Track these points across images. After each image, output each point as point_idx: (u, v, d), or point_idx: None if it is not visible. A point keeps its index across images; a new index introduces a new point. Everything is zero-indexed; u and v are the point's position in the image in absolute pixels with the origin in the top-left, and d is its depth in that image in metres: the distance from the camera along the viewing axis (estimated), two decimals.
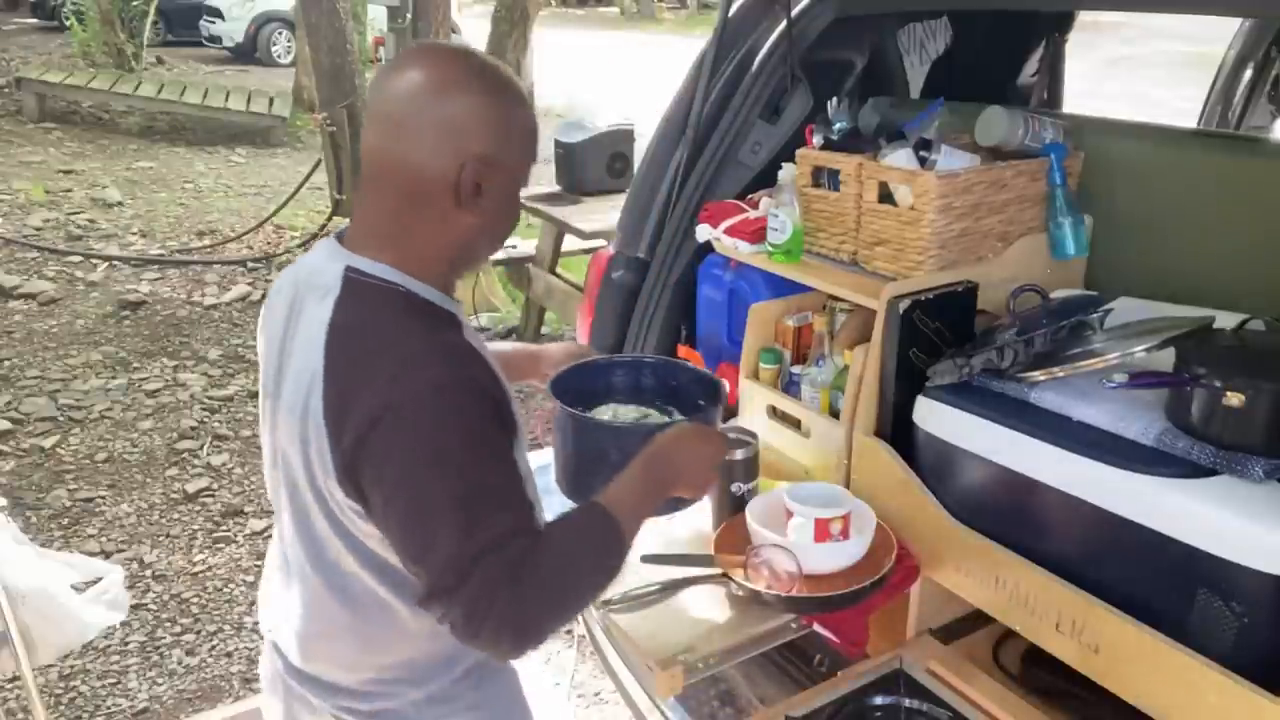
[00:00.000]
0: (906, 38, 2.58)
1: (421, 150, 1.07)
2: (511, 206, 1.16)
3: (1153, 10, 1.88)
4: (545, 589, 1.02)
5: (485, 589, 0.99)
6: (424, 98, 1.07)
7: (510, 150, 1.11)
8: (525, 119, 1.13)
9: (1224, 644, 1.22)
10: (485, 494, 1.02)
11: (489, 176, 1.09)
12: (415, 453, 1.01)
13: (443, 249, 1.12)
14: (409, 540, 1.04)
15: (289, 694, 1.29)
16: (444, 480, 1.01)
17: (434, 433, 1.01)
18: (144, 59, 11.62)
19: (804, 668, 1.81)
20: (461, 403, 1.03)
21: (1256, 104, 3.49)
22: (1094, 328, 1.56)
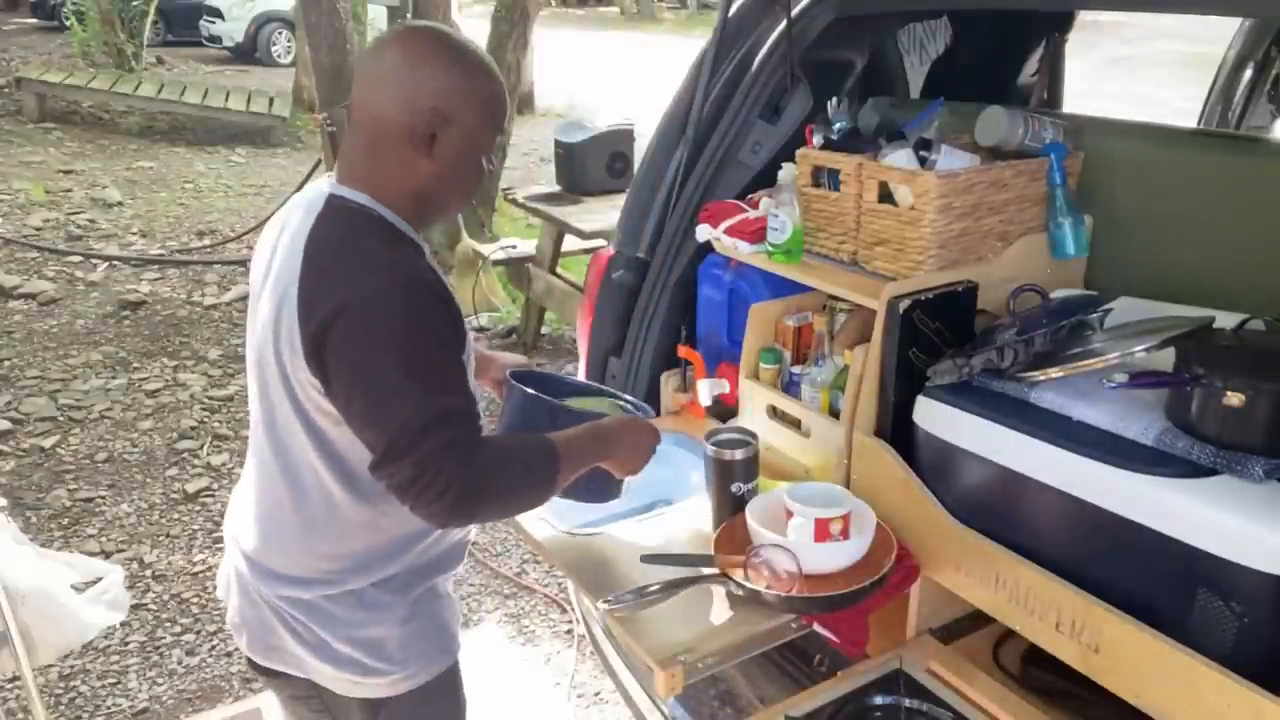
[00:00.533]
0: (906, 38, 2.58)
1: (387, 101, 1.26)
2: (467, 163, 1.31)
3: (1153, 10, 1.88)
4: (487, 471, 1.20)
5: (435, 452, 1.15)
6: (396, 59, 1.27)
7: (466, 111, 1.27)
8: (486, 89, 1.30)
9: (1224, 644, 1.22)
10: (441, 376, 1.20)
11: (443, 129, 1.26)
12: (377, 337, 1.17)
13: (405, 188, 1.29)
14: (369, 409, 1.19)
15: (241, 588, 1.41)
16: (404, 360, 1.17)
17: (395, 320, 1.18)
18: (144, 59, 11.63)
19: (804, 668, 1.81)
20: (420, 300, 1.20)
21: (1256, 104, 3.49)
22: (1094, 328, 1.56)
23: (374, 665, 1.36)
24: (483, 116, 1.30)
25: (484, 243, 5.35)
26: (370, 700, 1.39)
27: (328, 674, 1.37)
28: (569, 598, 2.94)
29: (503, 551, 3.30)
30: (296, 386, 1.24)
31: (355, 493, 1.30)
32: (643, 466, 1.49)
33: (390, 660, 1.37)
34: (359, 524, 1.32)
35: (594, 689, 2.66)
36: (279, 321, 1.23)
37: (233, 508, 1.48)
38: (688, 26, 21.25)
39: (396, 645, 1.37)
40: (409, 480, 1.16)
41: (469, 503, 1.18)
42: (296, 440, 1.29)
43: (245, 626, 1.42)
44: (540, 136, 9.51)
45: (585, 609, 2.14)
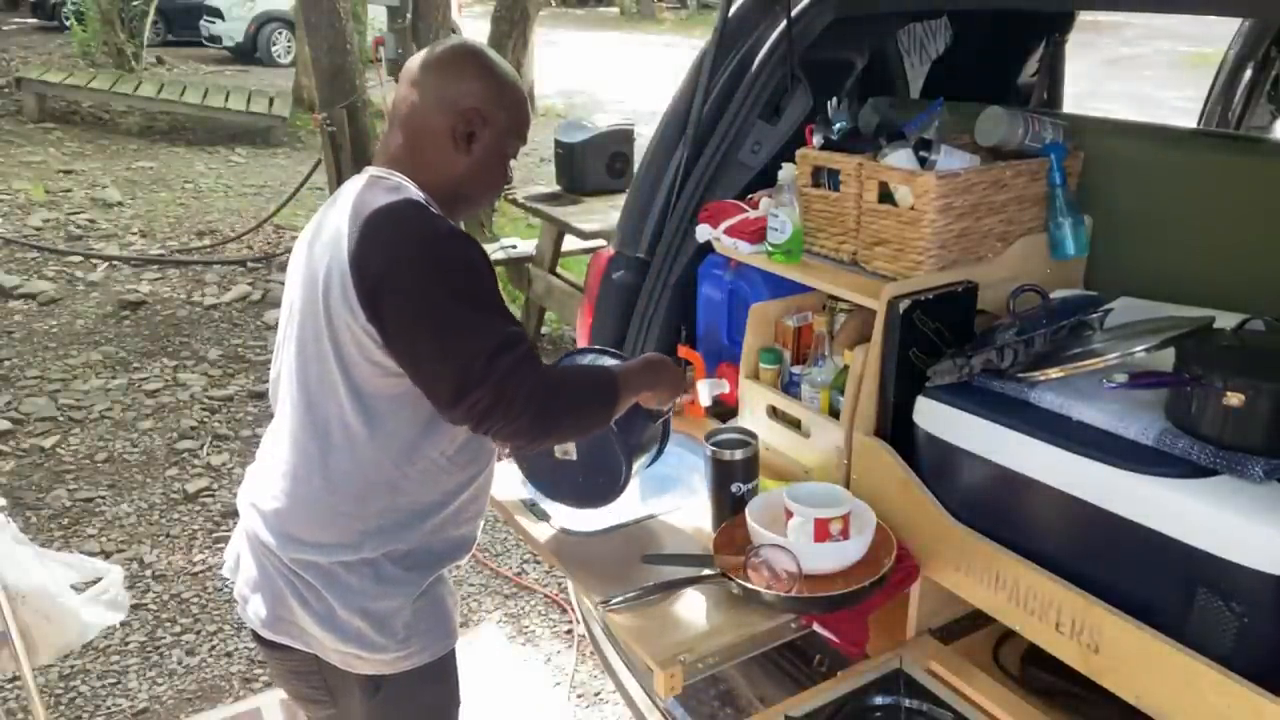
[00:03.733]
0: (906, 38, 2.58)
1: (432, 102, 1.40)
2: (496, 163, 1.45)
3: (1153, 10, 1.88)
4: (560, 386, 1.34)
5: (511, 372, 1.24)
6: (441, 67, 1.43)
7: (500, 113, 1.42)
8: (516, 96, 1.45)
9: (1224, 644, 1.22)
10: (499, 307, 1.30)
11: (480, 128, 1.41)
12: (435, 280, 1.27)
13: (443, 179, 1.41)
14: (437, 346, 1.26)
15: (255, 556, 1.46)
16: (463, 297, 1.27)
17: (447, 265, 1.29)
18: (144, 59, 11.62)
19: (804, 668, 1.81)
20: (465, 247, 1.32)
21: (1256, 104, 3.49)
22: (1094, 328, 1.56)
23: (378, 640, 1.39)
24: (512, 122, 1.44)
25: (484, 243, 5.35)
26: (370, 677, 1.42)
27: (331, 646, 1.40)
28: (569, 598, 2.94)
29: (503, 552, 3.30)
30: (347, 340, 1.31)
31: (382, 449, 1.35)
32: (678, 395, 1.59)
33: (394, 636, 1.40)
34: (382, 483, 1.37)
35: (594, 689, 2.66)
36: (329, 278, 1.32)
37: (251, 477, 1.51)
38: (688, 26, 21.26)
39: (403, 622, 1.40)
40: (491, 404, 1.24)
41: (549, 416, 1.29)
42: (333, 397, 1.35)
43: (254, 596, 1.45)
44: (540, 136, 9.48)
45: (585, 609, 2.14)
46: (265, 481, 1.45)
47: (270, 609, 1.43)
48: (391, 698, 1.44)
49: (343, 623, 1.38)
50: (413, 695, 1.45)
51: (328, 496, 1.37)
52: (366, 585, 1.38)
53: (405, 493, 1.39)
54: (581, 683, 2.69)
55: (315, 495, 1.38)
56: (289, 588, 1.40)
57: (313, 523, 1.39)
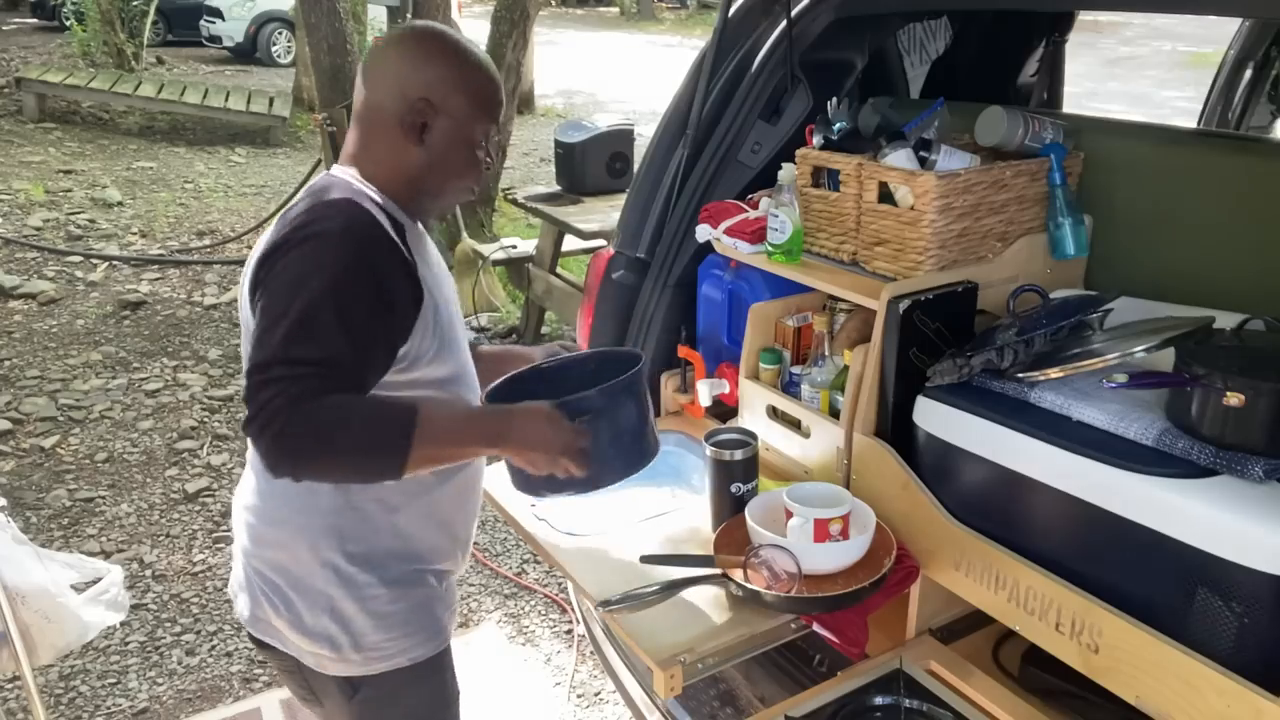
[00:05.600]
0: (906, 38, 2.58)
1: (381, 92, 1.34)
2: (457, 152, 1.36)
3: (1153, 10, 1.88)
4: (318, 427, 1.15)
5: (271, 397, 1.14)
6: (393, 53, 1.36)
7: (456, 98, 1.33)
8: (476, 81, 1.35)
9: (1224, 644, 1.22)
10: (315, 324, 1.17)
11: (433, 118, 1.33)
12: (289, 272, 1.21)
13: (398, 174, 1.35)
14: (254, 338, 1.20)
15: (239, 555, 1.46)
16: (292, 299, 1.18)
17: (311, 260, 1.20)
18: (144, 59, 11.63)
19: (804, 668, 1.81)
20: (342, 256, 1.21)
21: (1256, 104, 3.49)
22: (1094, 328, 1.56)
23: (345, 641, 1.37)
24: (473, 108, 1.35)
25: (484, 243, 5.36)
26: (348, 679, 1.40)
27: (304, 649, 1.39)
28: (569, 598, 2.94)
29: (503, 551, 3.30)
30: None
31: None
32: (546, 462, 1.31)
33: (362, 638, 1.38)
34: (326, 486, 1.34)
35: (594, 689, 2.66)
36: (248, 271, 1.30)
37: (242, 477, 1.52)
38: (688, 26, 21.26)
39: (373, 624, 1.38)
40: (246, 418, 1.15)
41: (291, 455, 1.15)
42: None
43: (239, 595, 1.46)
44: (540, 136, 9.51)
45: (585, 609, 2.14)
46: (244, 480, 1.45)
47: (251, 609, 1.43)
48: (372, 700, 1.42)
49: (310, 624, 1.37)
50: (395, 698, 1.43)
51: (280, 494, 1.36)
52: (330, 587, 1.36)
53: (355, 490, 1.35)
54: (581, 683, 2.69)
55: (271, 493, 1.37)
56: (262, 588, 1.39)
57: (273, 522, 1.38)
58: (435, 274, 1.39)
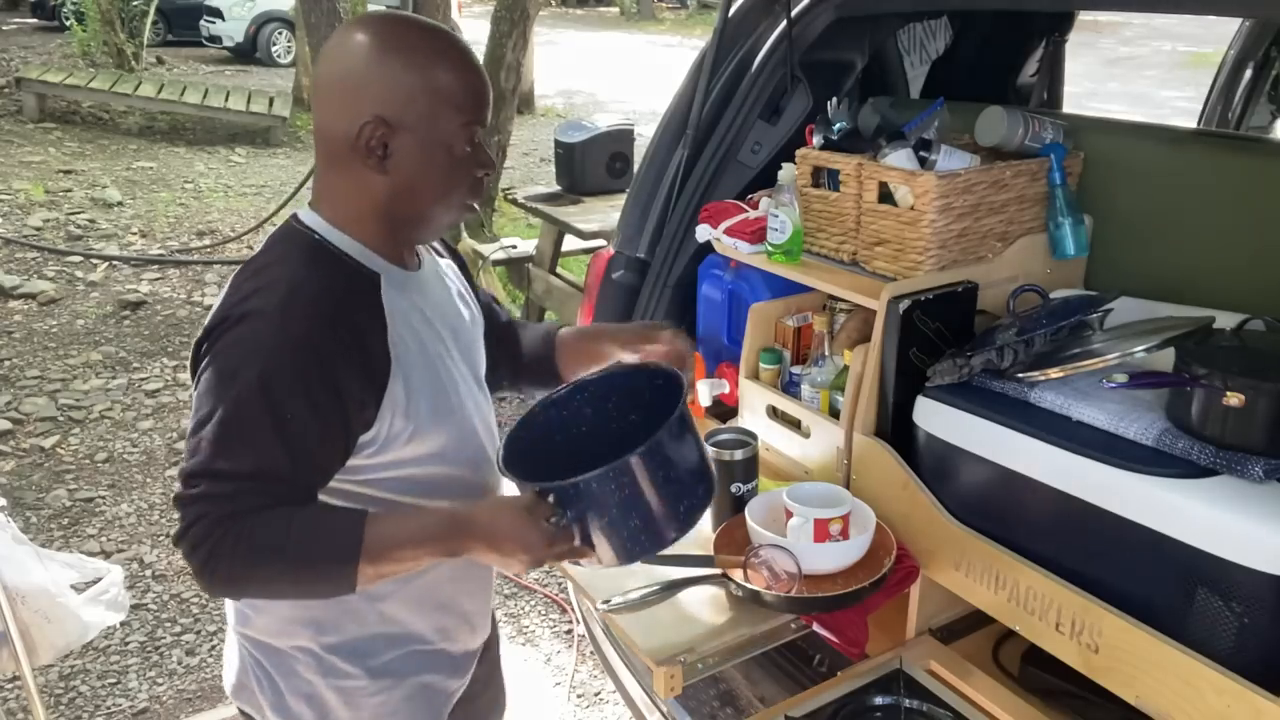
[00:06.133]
0: (906, 38, 2.58)
1: (327, 112, 1.12)
2: (433, 168, 1.13)
3: (1153, 10, 1.88)
4: (245, 553, 1.03)
5: (197, 516, 1.02)
6: (332, 61, 1.13)
7: (413, 111, 1.09)
8: (437, 79, 1.10)
9: (1224, 644, 1.22)
10: (247, 431, 1.03)
11: (391, 137, 1.10)
12: (218, 362, 1.06)
13: (364, 207, 1.14)
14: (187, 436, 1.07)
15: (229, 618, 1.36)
16: (221, 398, 1.04)
17: (237, 352, 1.05)
18: (144, 59, 11.62)
19: (804, 668, 1.81)
20: (278, 342, 1.05)
21: (1256, 104, 3.49)
22: (1094, 328, 1.56)
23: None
24: (440, 111, 1.10)
25: (484, 243, 5.35)
26: None
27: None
28: (569, 598, 2.94)
29: None
30: None
31: None
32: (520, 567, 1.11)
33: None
34: None
35: (594, 689, 2.66)
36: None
37: None
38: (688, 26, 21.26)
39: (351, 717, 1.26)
40: (175, 533, 1.04)
41: (224, 581, 1.05)
42: None
43: (227, 661, 1.38)
44: (540, 136, 9.51)
45: (585, 609, 2.14)
46: None
47: (236, 677, 1.33)
48: None
49: (290, 707, 1.26)
50: None
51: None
52: (310, 674, 1.24)
53: None
54: (581, 683, 2.69)
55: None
56: (246, 659, 1.29)
57: (252, 605, 1.26)
58: (422, 329, 1.19)
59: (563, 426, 1.33)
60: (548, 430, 1.31)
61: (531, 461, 1.22)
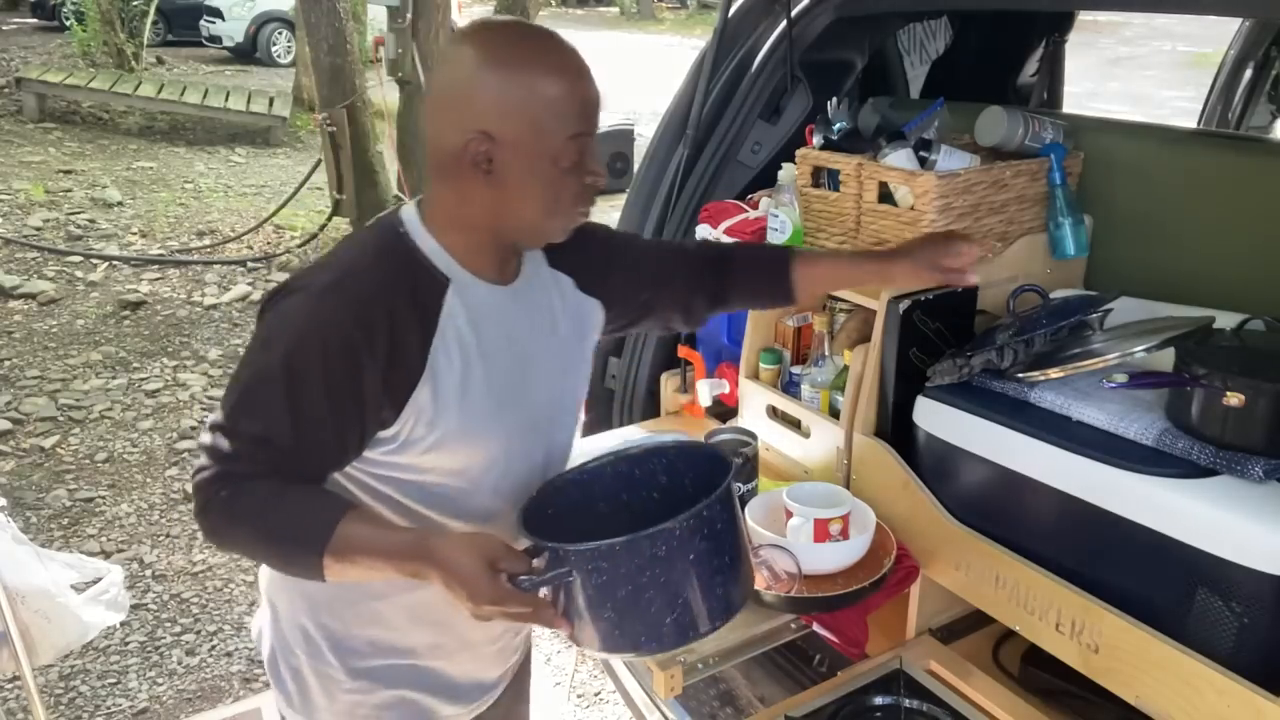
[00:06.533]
0: (906, 38, 2.58)
1: (436, 125, 1.11)
2: (535, 180, 1.09)
3: (1153, 10, 1.88)
4: (230, 515, 1.06)
5: (205, 464, 1.07)
6: (441, 73, 1.12)
7: (516, 125, 1.06)
8: (537, 92, 1.06)
9: (1224, 644, 1.22)
10: (262, 399, 1.07)
11: (495, 152, 1.07)
12: (260, 332, 1.11)
13: (466, 217, 1.13)
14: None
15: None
16: (251, 365, 1.09)
17: (279, 323, 1.09)
18: (144, 59, 11.62)
19: (804, 668, 1.82)
20: (314, 322, 1.06)
21: (1256, 104, 3.49)
22: (1094, 328, 1.56)
23: (299, 706, 1.29)
24: (544, 124, 1.07)
25: None
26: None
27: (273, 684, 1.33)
28: None
29: None
30: None
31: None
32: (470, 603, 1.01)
33: (316, 713, 1.29)
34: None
35: (594, 689, 2.66)
36: None
37: None
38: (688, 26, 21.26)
39: (327, 707, 1.27)
40: (191, 475, 1.10)
41: (210, 532, 1.08)
42: None
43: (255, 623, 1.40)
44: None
45: None
46: None
47: (256, 621, 1.38)
48: None
49: (279, 667, 1.30)
50: None
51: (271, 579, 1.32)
52: (298, 647, 1.27)
53: None
54: (581, 683, 2.69)
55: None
56: (263, 612, 1.34)
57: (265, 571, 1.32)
58: (485, 346, 1.15)
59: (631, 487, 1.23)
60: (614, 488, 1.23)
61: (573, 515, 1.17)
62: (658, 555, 1.00)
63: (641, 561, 1.00)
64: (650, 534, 0.99)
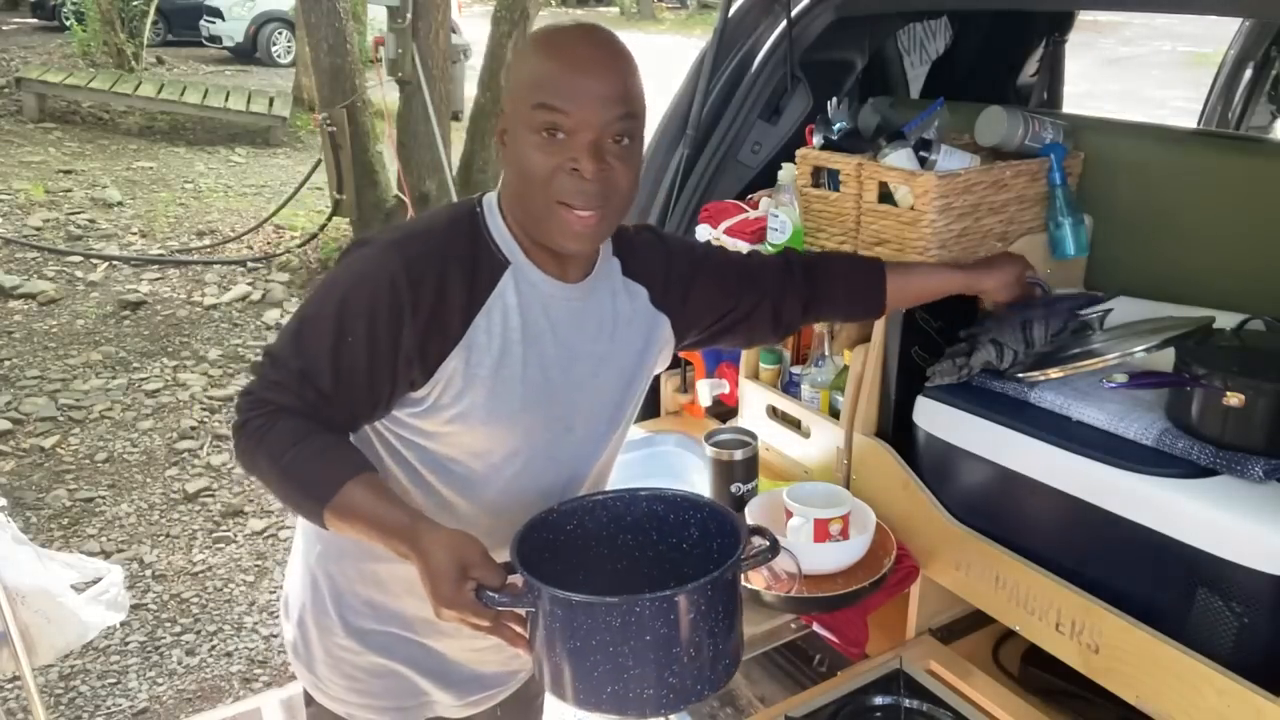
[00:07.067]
0: (906, 38, 2.58)
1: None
2: (514, 155, 1.11)
3: (1153, 10, 1.88)
4: (255, 444, 1.10)
5: (249, 392, 1.12)
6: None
7: (513, 97, 1.12)
8: (525, 67, 1.11)
9: (1224, 644, 1.22)
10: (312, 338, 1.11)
11: (504, 122, 1.14)
12: (328, 276, 1.15)
13: (505, 193, 1.18)
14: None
15: None
16: (312, 302, 1.13)
17: (342, 273, 1.13)
18: (144, 59, 11.61)
19: (804, 668, 1.82)
20: (368, 275, 1.10)
21: (1256, 104, 3.49)
22: (1094, 328, 1.56)
23: (302, 654, 1.32)
24: (520, 95, 1.10)
25: None
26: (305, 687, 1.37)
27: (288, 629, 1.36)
28: None
29: None
30: None
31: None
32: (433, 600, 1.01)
33: (315, 665, 1.32)
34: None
35: None
36: None
37: None
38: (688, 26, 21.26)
39: (325, 660, 1.30)
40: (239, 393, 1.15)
41: (239, 452, 1.13)
42: None
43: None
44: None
45: None
46: None
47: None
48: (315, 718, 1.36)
49: (290, 610, 1.34)
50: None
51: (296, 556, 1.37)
52: (304, 593, 1.30)
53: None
54: None
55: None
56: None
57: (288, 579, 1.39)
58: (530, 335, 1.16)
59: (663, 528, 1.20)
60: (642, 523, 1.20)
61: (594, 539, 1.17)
62: (611, 624, 0.97)
63: (594, 623, 0.97)
64: (608, 602, 0.97)
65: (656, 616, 0.97)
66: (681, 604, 0.98)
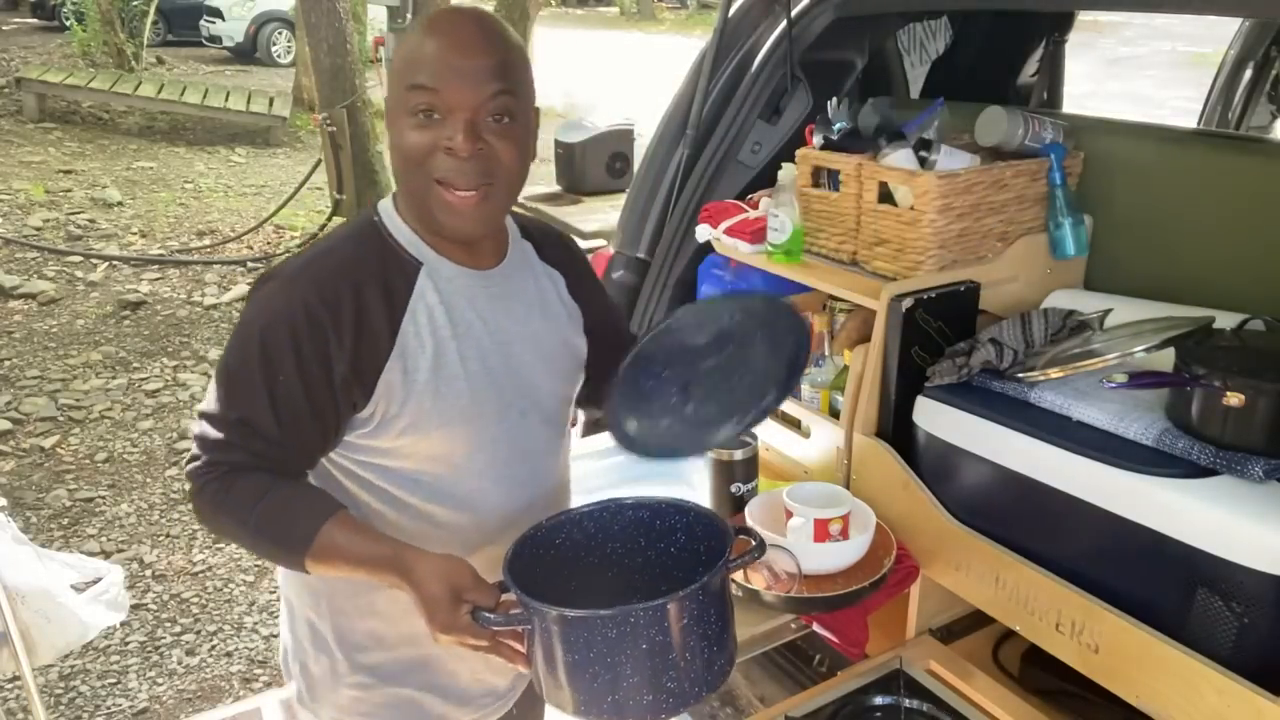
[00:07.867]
0: (906, 38, 2.58)
1: None
2: (395, 140, 1.11)
3: (1153, 10, 1.88)
4: (215, 505, 1.08)
5: (194, 455, 1.10)
6: None
7: (389, 82, 1.13)
8: (405, 50, 1.10)
9: (1224, 644, 1.22)
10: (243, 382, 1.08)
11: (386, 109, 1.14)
12: (241, 318, 1.12)
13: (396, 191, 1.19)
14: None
15: None
16: (232, 349, 1.10)
17: (255, 311, 1.10)
18: (144, 59, 11.62)
19: (804, 668, 1.82)
20: (282, 307, 1.08)
21: (1256, 104, 3.49)
22: (1094, 328, 1.56)
23: (307, 700, 1.29)
24: (397, 79, 1.10)
25: None
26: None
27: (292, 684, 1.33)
28: None
29: None
30: None
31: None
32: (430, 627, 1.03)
33: (321, 712, 1.28)
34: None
35: None
36: None
37: None
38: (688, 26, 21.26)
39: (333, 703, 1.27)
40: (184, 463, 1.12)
41: (202, 520, 1.12)
42: None
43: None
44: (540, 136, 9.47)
45: None
46: None
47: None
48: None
49: (291, 666, 1.31)
50: None
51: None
52: (306, 641, 1.27)
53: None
54: None
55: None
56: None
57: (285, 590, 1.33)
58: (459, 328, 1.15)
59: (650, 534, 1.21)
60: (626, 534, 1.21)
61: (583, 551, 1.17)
62: (607, 635, 0.98)
63: (590, 636, 0.99)
64: (602, 615, 0.98)
65: (651, 625, 0.99)
66: (674, 611, 1.00)
